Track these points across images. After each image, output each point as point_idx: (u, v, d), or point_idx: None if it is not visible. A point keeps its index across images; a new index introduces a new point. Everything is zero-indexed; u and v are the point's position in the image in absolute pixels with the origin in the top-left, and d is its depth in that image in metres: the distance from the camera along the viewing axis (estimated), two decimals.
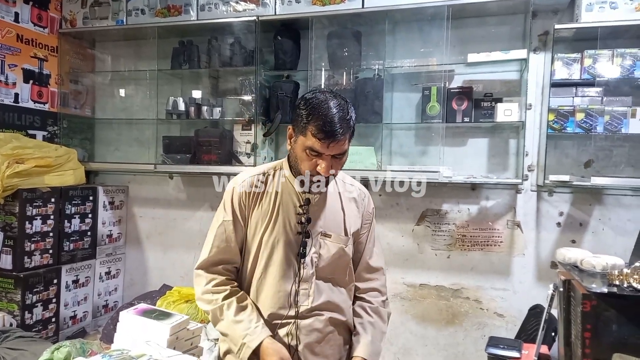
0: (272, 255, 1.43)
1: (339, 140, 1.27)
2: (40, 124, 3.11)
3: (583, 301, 1.00)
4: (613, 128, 2.33)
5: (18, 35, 2.95)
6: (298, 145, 1.34)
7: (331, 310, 1.47)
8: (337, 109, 1.28)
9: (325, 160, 1.30)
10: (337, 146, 1.28)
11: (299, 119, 1.32)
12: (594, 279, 1.05)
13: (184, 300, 2.73)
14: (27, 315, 2.68)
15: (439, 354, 2.78)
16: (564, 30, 2.38)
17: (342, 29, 2.77)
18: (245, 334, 1.35)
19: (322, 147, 1.27)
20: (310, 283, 1.44)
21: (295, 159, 1.38)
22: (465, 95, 2.61)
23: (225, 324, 1.40)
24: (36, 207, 2.74)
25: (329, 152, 1.29)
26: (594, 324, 1.00)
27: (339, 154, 1.32)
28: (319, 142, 1.27)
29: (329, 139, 1.26)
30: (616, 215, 2.53)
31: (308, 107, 1.30)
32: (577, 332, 1.04)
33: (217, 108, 3.04)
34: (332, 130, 1.25)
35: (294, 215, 1.44)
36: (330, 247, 1.47)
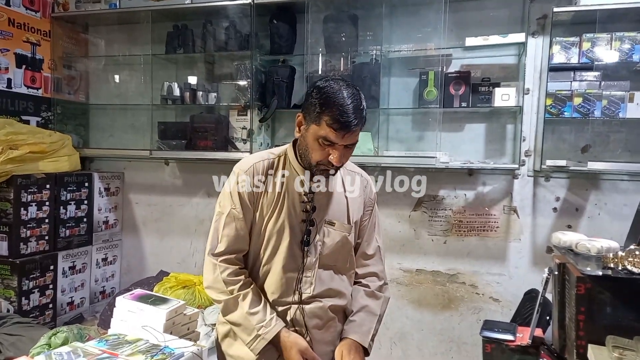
0: (277, 242, 1.42)
1: (354, 130, 1.27)
2: (34, 109, 3.08)
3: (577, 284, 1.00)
4: (611, 113, 2.32)
5: (10, 19, 2.90)
6: (310, 134, 1.32)
7: (332, 297, 1.48)
8: (352, 98, 1.26)
9: (338, 150, 1.29)
10: (351, 136, 1.28)
11: (312, 107, 1.29)
12: (588, 262, 1.05)
13: (181, 286, 2.74)
14: (24, 301, 2.69)
15: (434, 338, 2.81)
16: (562, 13, 2.35)
17: (339, 12, 2.74)
18: (260, 325, 1.35)
19: (337, 137, 1.26)
20: (313, 271, 1.45)
21: (306, 147, 1.35)
22: (462, 80, 2.59)
23: (238, 314, 1.39)
24: (31, 193, 2.72)
25: (342, 142, 1.28)
26: (588, 307, 1.00)
27: (352, 144, 1.32)
28: (333, 132, 1.26)
29: (344, 129, 1.25)
30: (612, 200, 2.53)
31: (322, 96, 1.27)
32: (571, 314, 1.04)
33: (212, 93, 3.01)
34: (348, 120, 1.24)
35: (299, 203, 1.43)
36: (334, 235, 1.47)
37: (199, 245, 3.24)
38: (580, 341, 1.01)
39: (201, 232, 3.23)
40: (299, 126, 1.38)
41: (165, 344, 1.46)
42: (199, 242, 3.24)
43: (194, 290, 2.73)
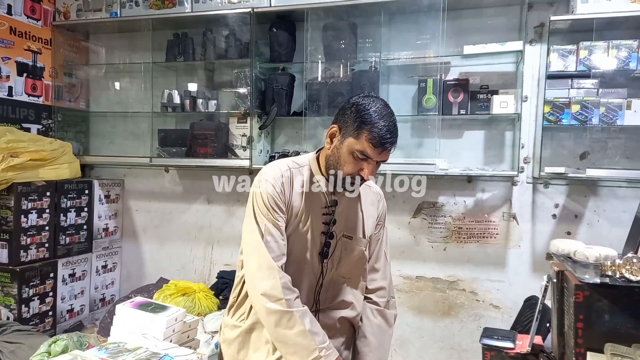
0: (299, 252, 1.42)
1: (389, 148, 1.32)
2: (35, 117, 3.09)
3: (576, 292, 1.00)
4: (608, 120, 2.33)
5: (11, 28, 2.92)
6: (345, 146, 1.33)
7: (343, 309, 1.50)
8: (390, 118, 1.32)
9: (371, 165, 1.33)
10: (386, 154, 1.33)
11: (352, 121, 1.32)
12: (586, 270, 1.05)
13: (181, 293, 2.73)
14: (23, 308, 2.68)
15: (435, 345, 2.80)
16: (559, 21, 2.37)
17: (338, 20, 2.75)
18: (322, 347, 1.30)
19: (374, 153, 1.30)
20: (329, 282, 1.47)
21: (338, 159, 1.36)
22: (461, 87, 2.60)
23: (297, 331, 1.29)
24: (31, 200, 2.73)
25: (378, 159, 1.32)
26: (587, 314, 1.00)
27: (384, 161, 1.36)
28: (372, 148, 1.29)
29: (382, 146, 1.29)
30: (611, 207, 2.54)
31: (363, 112, 1.31)
32: (570, 322, 1.05)
33: (212, 101, 3.03)
34: (387, 138, 1.29)
35: (321, 215, 1.44)
36: (352, 248, 1.48)
37: (199, 252, 3.24)
38: (579, 349, 1.01)
39: (201, 239, 3.23)
40: (331, 137, 1.39)
41: (165, 352, 1.46)
42: (199, 249, 3.24)
43: (193, 297, 2.73)
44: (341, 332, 1.52)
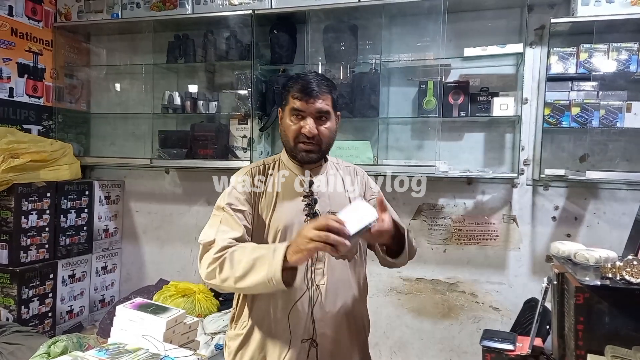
0: (282, 238, 1.41)
1: (318, 96, 1.37)
2: (35, 118, 3.10)
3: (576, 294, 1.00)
4: (608, 122, 2.34)
5: (12, 29, 2.93)
6: (285, 116, 1.44)
7: (345, 287, 1.46)
8: (314, 74, 1.43)
9: (309, 119, 1.37)
10: (315, 104, 1.37)
11: (283, 93, 1.46)
12: (587, 272, 1.05)
13: (181, 294, 2.73)
14: (23, 309, 2.68)
15: (434, 347, 2.80)
16: (560, 24, 2.38)
17: (339, 22, 2.76)
18: (273, 246, 1.24)
19: (302, 104, 1.37)
20: (324, 262, 1.42)
21: (284, 131, 1.44)
22: (461, 89, 2.60)
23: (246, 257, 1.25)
24: (32, 201, 2.73)
25: (309, 110, 1.37)
26: (587, 317, 1.00)
27: (321, 112, 1.38)
28: (299, 101, 1.37)
29: (307, 95, 1.36)
30: (611, 209, 2.54)
31: (288, 81, 1.45)
32: (570, 324, 1.05)
33: (213, 102, 3.03)
34: (311, 88, 1.37)
35: (301, 197, 1.45)
36: None
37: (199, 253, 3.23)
38: (579, 351, 1.01)
39: None
40: (280, 121, 1.49)
41: (165, 353, 1.46)
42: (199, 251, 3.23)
43: (193, 298, 2.73)
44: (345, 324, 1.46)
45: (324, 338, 1.42)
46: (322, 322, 1.41)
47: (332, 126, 1.44)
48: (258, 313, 1.46)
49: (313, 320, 1.40)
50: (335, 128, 1.48)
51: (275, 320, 1.42)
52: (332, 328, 1.43)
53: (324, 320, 1.42)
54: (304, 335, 1.41)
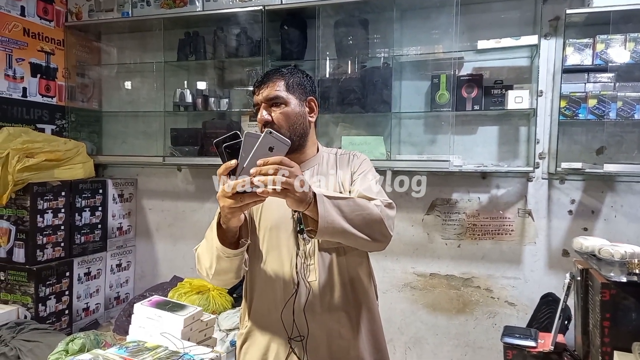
0: (272, 238, 1.40)
1: (267, 84, 1.37)
2: (49, 117, 3.12)
3: (602, 290, 0.99)
4: (626, 114, 2.30)
5: (25, 29, 2.94)
6: None
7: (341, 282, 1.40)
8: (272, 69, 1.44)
9: (262, 107, 1.38)
10: (266, 90, 1.37)
11: None
12: (612, 268, 1.04)
13: (195, 291, 2.74)
14: (40, 307, 2.71)
15: (450, 343, 2.79)
16: (575, 15, 2.34)
17: (349, 17, 2.74)
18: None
19: (256, 97, 1.40)
20: (314, 257, 1.38)
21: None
22: (475, 82, 2.58)
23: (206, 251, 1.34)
24: (47, 200, 2.75)
25: (260, 99, 1.38)
26: (613, 313, 0.99)
27: (270, 98, 1.37)
28: (254, 95, 1.40)
29: (258, 88, 1.39)
30: (628, 202, 2.50)
31: None
32: (595, 321, 1.03)
33: (224, 99, 3.03)
34: (260, 80, 1.40)
35: None
36: None
37: None
38: (605, 348, 0.99)
39: None
40: None
41: (184, 351, 1.47)
42: None
43: (208, 295, 2.74)
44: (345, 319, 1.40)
45: (316, 335, 1.38)
46: (315, 320, 1.37)
47: (291, 110, 1.37)
48: (256, 313, 1.46)
49: (306, 318, 1.37)
50: (301, 112, 1.40)
51: (271, 320, 1.41)
52: (326, 325, 1.38)
53: (316, 318, 1.37)
54: (297, 334, 1.37)
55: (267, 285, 1.42)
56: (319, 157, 1.49)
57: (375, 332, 1.51)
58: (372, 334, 1.50)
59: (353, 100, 2.71)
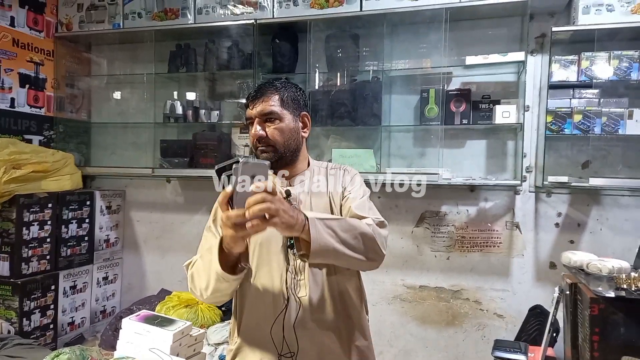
0: (262, 252, 1.40)
1: (260, 99, 1.36)
2: (37, 128, 3.09)
3: (591, 305, 1.00)
4: (610, 129, 2.35)
5: (14, 40, 2.92)
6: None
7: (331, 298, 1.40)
8: (268, 81, 1.41)
9: (256, 123, 1.38)
10: (260, 105, 1.37)
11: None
12: (600, 283, 1.05)
13: (184, 305, 2.72)
14: (25, 322, 2.66)
15: (439, 355, 2.79)
16: (561, 32, 2.40)
17: (340, 31, 2.77)
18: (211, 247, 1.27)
19: (249, 111, 1.39)
20: (304, 273, 1.38)
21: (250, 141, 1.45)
22: (463, 97, 2.62)
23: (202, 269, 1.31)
24: (33, 212, 2.71)
25: (254, 114, 1.37)
26: (602, 327, 1.00)
27: (265, 113, 1.37)
28: (247, 109, 1.39)
29: (252, 102, 1.38)
30: (614, 216, 2.55)
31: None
32: (584, 335, 1.05)
33: (214, 111, 3.03)
34: (254, 93, 1.39)
35: None
36: None
37: None
38: None
39: None
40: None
41: None
42: None
43: (196, 309, 2.71)
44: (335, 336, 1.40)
45: (307, 351, 1.37)
46: (305, 335, 1.37)
47: (285, 126, 1.38)
48: (246, 329, 1.45)
49: (296, 334, 1.36)
50: (295, 128, 1.41)
51: (261, 335, 1.39)
52: (317, 341, 1.38)
53: (307, 333, 1.37)
54: (287, 350, 1.37)
55: (257, 300, 1.42)
56: (310, 171, 1.50)
57: (365, 347, 1.50)
58: (362, 349, 1.49)
59: (343, 113, 2.73)
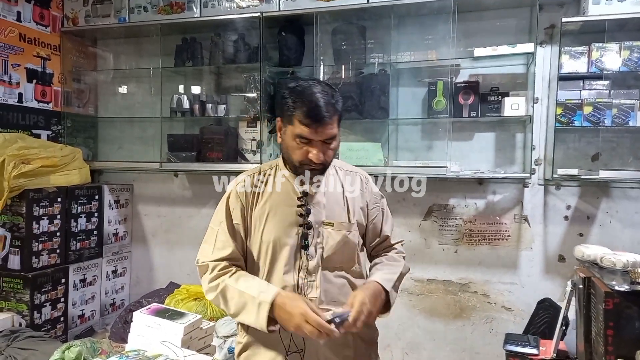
0: (276, 250, 1.41)
1: (326, 124, 1.29)
2: (44, 123, 3.10)
3: (606, 299, 1.00)
4: (620, 121, 2.33)
5: (21, 35, 2.93)
6: (288, 135, 1.35)
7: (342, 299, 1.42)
8: (322, 94, 1.30)
9: (316, 147, 1.32)
10: (325, 131, 1.30)
11: (285, 108, 1.34)
12: (614, 276, 1.05)
13: (193, 298, 2.73)
14: (36, 315, 2.68)
15: (447, 348, 2.80)
16: (570, 23, 2.37)
17: (347, 24, 2.75)
18: (259, 292, 1.29)
19: (311, 133, 1.29)
20: (316, 274, 1.41)
21: (287, 149, 1.38)
22: (471, 89, 2.60)
23: (236, 296, 1.32)
24: (43, 207, 2.73)
25: (318, 138, 1.31)
26: (617, 322, 1.00)
27: (328, 139, 1.33)
28: (307, 129, 1.29)
29: (316, 123, 1.28)
30: (623, 208, 2.53)
31: (293, 95, 1.32)
32: (598, 329, 1.04)
33: (221, 105, 3.03)
34: (319, 114, 1.27)
35: (294, 208, 1.42)
36: (334, 234, 1.43)
37: None
38: (609, 356, 1.01)
39: None
40: (279, 131, 1.41)
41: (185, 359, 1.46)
42: None
43: (205, 302, 2.72)
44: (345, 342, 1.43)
45: (316, 350, 1.39)
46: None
47: (337, 144, 1.40)
48: None
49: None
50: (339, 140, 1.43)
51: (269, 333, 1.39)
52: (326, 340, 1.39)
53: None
54: (295, 347, 1.39)
55: None
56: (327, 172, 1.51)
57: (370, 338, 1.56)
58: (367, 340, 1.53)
59: (351, 107, 2.72)
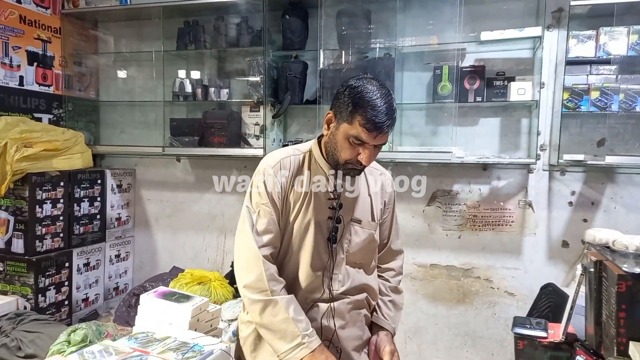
0: (304, 239, 1.41)
1: (386, 132, 1.28)
2: (46, 107, 3.07)
3: (618, 282, 1.00)
4: (627, 106, 2.31)
5: (21, 17, 2.88)
6: (340, 132, 1.31)
7: (359, 294, 1.50)
8: (385, 99, 1.26)
9: (368, 149, 1.30)
10: (382, 137, 1.29)
11: (345, 106, 1.29)
12: (626, 260, 1.05)
13: (197, 282, 2.74)
14: (40, 298, 2.69)
15: (449, 332, 2.82)
16: (578, 6, 2.33)
17: (352, 7, 2.72)
18: (306, 334, 1.30)
19: (369, 137, 1.27)
20: (341, 268, 1.45)
21: (335, 145, 1.35)
22: (477, 74, 2.58)
23: (280, 319, 1.31)
24: (46, 191, 2.72)
25: (374, 142, 1.29)
26: (630, 304, 1.00)
27: (382, 144, 1.32)
28: (366, 133, 1.26)
29: (377, 130, 1.25)
30: (628, 194, 2.53)
31: (356, 96, 1.27)
32: (610, 312, 1.04)
33: (224, 89, 3.00)
34: (381, 121, 1.24)
35: (326, 200, 1.43)
36: (361, 233, 1.48)
37: (212, 241, 3.24)
38: (620, 338, 1.01)
39: (213, 228, 3.23)
40: (328, 124, 1.37)
41: (193, 342, 1.47)
42: (212, 238, 3.24)
43: (209, 286, 2.74)
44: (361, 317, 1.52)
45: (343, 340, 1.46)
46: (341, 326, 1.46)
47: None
48: None
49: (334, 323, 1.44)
50: None
51: None
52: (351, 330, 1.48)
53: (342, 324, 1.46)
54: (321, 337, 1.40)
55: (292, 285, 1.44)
56: None
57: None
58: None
59: None
